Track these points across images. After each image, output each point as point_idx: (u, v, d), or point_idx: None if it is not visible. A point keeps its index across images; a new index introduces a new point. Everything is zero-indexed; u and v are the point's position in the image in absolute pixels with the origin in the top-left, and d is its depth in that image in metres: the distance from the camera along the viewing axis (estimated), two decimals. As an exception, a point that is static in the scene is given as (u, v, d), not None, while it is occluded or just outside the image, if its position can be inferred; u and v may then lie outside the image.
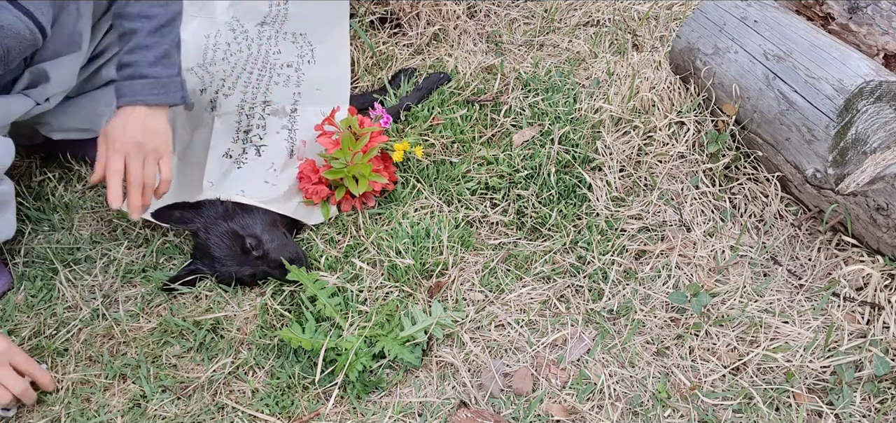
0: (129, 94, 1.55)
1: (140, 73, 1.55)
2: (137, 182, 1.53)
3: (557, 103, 1.96)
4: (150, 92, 1.55)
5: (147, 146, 1.53)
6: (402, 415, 1.40)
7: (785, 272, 1.64)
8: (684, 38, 1.92)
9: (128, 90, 1.55)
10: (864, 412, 1.37)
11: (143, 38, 1.55)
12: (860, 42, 1.76)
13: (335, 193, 1.75)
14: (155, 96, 1.56)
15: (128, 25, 1.55)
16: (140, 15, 1.55)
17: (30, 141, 1.94)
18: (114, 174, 1.52)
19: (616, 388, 1.43)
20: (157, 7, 1.56)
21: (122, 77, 1.56)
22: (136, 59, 1.55)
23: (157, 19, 1.56)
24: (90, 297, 1.64)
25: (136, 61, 1.55)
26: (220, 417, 1.41)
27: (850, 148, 1.60)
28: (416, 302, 1.58)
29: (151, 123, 1.55)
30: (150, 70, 1.56)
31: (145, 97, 1.55)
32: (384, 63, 2.22)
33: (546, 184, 1.79)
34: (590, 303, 1.58)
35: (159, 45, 1.57)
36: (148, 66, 1.56)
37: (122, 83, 1.56)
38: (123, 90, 1.55)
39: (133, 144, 1.52)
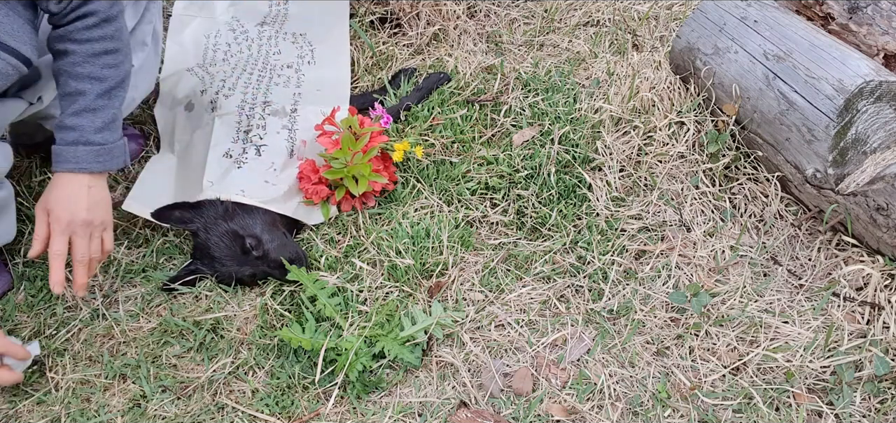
0: (72, 161, 1.43)
1: (85, 139, 1.43)
2: (84, 261, 1.46)
3: (557, 103, 1.96)
4: (94, 160, 1.45)
5: (94, 222, 1.46)
6: (402, 415, 1.40)
7: (785, 272, 1.64)
8: (684, 38, 1.92)
9: (70, 157, 1.43)
10: (864, 412, 1.37)
11: (91, 100, 1.43)
12: (860, 42, 1.76)
13: (335, 193, 1.75)
14: (99, 164, 1.45)
15: (74, 86, 1.43)
16: (90, 76, 1.43)
17: (30, 140, 1.94)
18: (57, 257, 1.43)
19: (616, 388, 1.43)
20: (109, 69, 1.44)
21: (64, 142, 1.43)
22: (82, 124, 1.43)
23: (108, 81, 1.45)
24: (90, 297, 1.64)
25: (81, 126, 1.43)
26: (220, 417, 1.41)
27: (850, 148, 1.60)
28: (416, 302, 1.58)
29: (96, 194, 1.46)
30: (96, 137, 1.44)
31: (90, 165, 1.44)
32: (384, 63, 2.22)
33: (546, 184, 1.79)
34: (590, 303, 1.58)
35: (107, 109, 1.45)
36: (94, 133, 1.44)
37: (64, 148, 1.43)
38: (65, 156, 1.43)
39: (80, 224, 1.43)
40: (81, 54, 1.42)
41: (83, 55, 1.42)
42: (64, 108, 1.44)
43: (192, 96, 1.90)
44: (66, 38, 1.42)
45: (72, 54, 1.42)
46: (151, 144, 2.01)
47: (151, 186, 1.77)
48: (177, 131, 1.89)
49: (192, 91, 1.90)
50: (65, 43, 1.42)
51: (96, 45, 1.42)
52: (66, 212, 1.43)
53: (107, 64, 1.44)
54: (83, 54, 1.42)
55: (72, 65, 1.42)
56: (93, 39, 1.42)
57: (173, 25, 2.07)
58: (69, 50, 1.42)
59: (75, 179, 1.44)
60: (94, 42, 1.42)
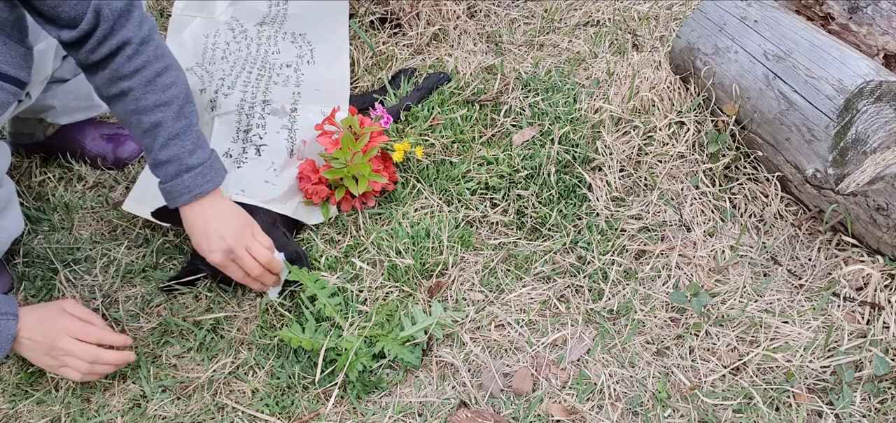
0: (185, 192, 1.42)
1: (185, 166, 1.42)
2: (258, 273, 1.48)
3: (557, 103, 1.96)
4: (203, 182, 1.43)
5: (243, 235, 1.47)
6: (402, 415, 1.40)
7: (785, 272, 1.64)
8: (684, 38, 1.92)
9: (182, 189, 1.42)
10: (864, 412, 1.37)
11: (170, 126, 1.40)
12: (860, 42, 1.76)
13: (335, 193, 1.75)
14: (209, 183, 1.44)
15: (148, 121, 1.40)
16: (157, 105, 1.39)
17: (31, 139, 1.95)
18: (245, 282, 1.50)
19: (616, 388, 1.43)
20: (170, 89, 1.41)
21: (167, 178, 1.42)
22: (175, 153, 1.41)
23: (177, 102, 1.41)
24: (90, 297, 1.64)
25: (176, 156, 1.41)
26: (220, 417, 1.41)
27: (850, 148, 1.60)
28: (416, 302, 1.58)
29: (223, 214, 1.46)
30: (192, 160, 1.42)
31: (201, 189, 1.43)
32: (384, 63, 2.22)
33: (546, 184, 1.79)
34: (590, 303, 1.58)
35: (189, 130, 1.43)
36: (189, 156, 1.42)
37: (171, 184, 1.42)
38: (177, 190, 1.42)
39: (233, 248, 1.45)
40: (139, 87, 1.38)
41: (141, 87, 1.39)
42: (149, 146, 1.42)
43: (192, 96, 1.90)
44: (116, 80, 1.39)
45: (130, 92, 1.39)
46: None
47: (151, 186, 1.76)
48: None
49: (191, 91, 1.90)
50: (118, 85, 1.39)
51: (147, 71, 1.39)
52: (215, 253, 1.45)
53: (165, 85, 1.41)
54: (141, 86, 1.38)
55: (135, 101, 1.39)
56: (141, 67, 1.38)
57: (173, 25, 2.07)
58: (125, 89, 1.39)
59: (199, 211, 1.45)
60: (145, 69, 1.39)
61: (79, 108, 1.87)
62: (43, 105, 1.81)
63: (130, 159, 1.96)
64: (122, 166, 1.95)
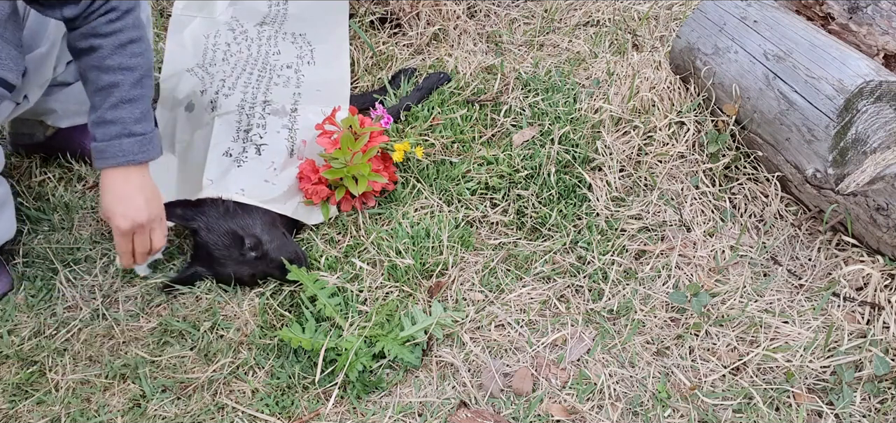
0: (120, 154, 1.45)
1: (127, 130, 1.45)
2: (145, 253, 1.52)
3: (557, 103, 1.96)
4: (139, 150, 1.46)
5: (153, 218, 1.50)
6: (402, 415, 1.40)
7: (785, 272, 1.64)
8: (684, 38, 1.92)
9: (117, 151, 1.45)
10: (864, 412, 1.37)
11: (126, 91, 1.45)
12: (860, 42, 1.76)
13: (335, 194, 1.75)
14: (144, 153, 1.47)
15: (107, 79, 1.44)
16: (120, 68, 1.44)
17: (30, 139, 1.95)
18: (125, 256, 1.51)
19: (616, 388, 1.43)
20: (136, 57, 1.46)
21: (107, 137, 1.45)
22: (122, 116, 1.45)
23: (137, 71, 1.46)
24: (90, 297, 1.64)
25: (121, 118, 1.45)
26: (220, 417, 1.41)
27: (850, 148, 1.60)
28: (416, 302, 1.58)
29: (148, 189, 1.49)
30: (136, 127, 1.46)
31: (136, 156, 1.46)
32: (384, 63, 2.22)
33: (546, 184, 1.79)
34: (590, 303, 1.58)
35: (142, 99, 1.47)
36: (134, 124, 1.46)
37: (108, 144, 1.45)
38: (111, 151, 1.45)
39: (139, 226, 1.47)
40: (108, 47, 1.43)
41: (110, 48, 1.43)
42: (98, 103, 1.45)
43: (192, 97, 1.90)
44: (90, 35, 1.43)
45: (99, 49, 1.43)
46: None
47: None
48: (177, 132, 1.89)
49: (192, 91, 1.90)
50: (90, 39, 1.43)
51: (121, 36, 1.44)
52: (126, 219, 1.46)
53: (133, 53, 1.46)
54: (110, 47, 1.43)
55: (100, 59, 1.44)
56: (117, 31, 1.43)
57: (173, 25, 2.07)
58: (95, 45, 1.43)
59: (125, 176, 1.47)
60: (119, 33, 1.44)
61: (80, 112, 1.87)
62: (44, 108, 1.81)
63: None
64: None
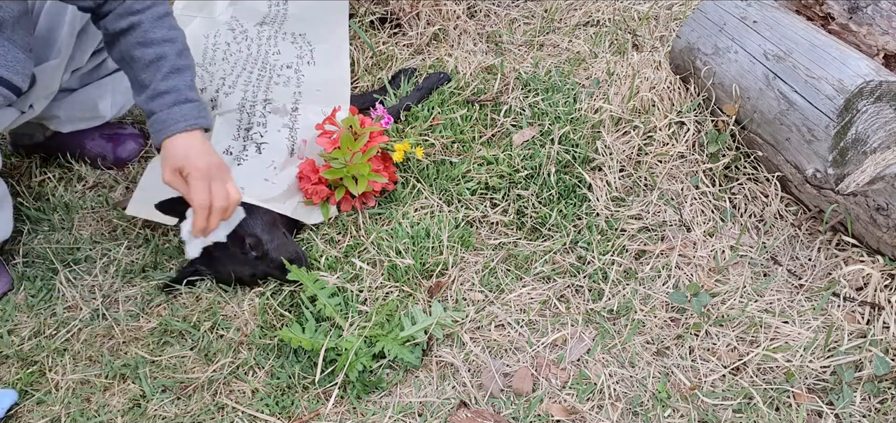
0: (182, 120, 1.45)
1: (184, 97, 1.46)
2: (224, 206, 1.47)
3: (557, 103, 1.96)
4: (199, 115, 1.47)
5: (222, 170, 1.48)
6: (402, 415, 1.40)
7: (785, 272, 1.64)
8: (684, 38, 1.92)
9: (179, 117, 1.45)
10: (864, 412, 1.37)
11: (174, 60, 1.46)
12: (860, 42, 1.76)
13: (335, 194, 1.75)
14: (203, 119, 1.48)
15: (153, 52, 1.45)
16: (163, 40, 1.45)
17: (30, 140, 1.95)
18: (203, 208, 1.45)
19: (616, 388, 1.43)
20: (174, 29, 1.48)
21: (165, 105, 1.44)
22: (175, 84, 1.45)
23: (178, 42, 1.48)
24: (90, 297, 1.64)
25: (175, 86, 1.45)
26: (220, 417, 1.41)
27: (850, 148, 1.60)
28: (416, 302, 1.58)
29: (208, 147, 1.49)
30: (191, 93, 1.47)
31: (197, 121, 1.46)
32: (384, 63, 2.22)
33: (546, 184, 1.79)
34: (590, 303, 1.58)
35: (188, 69, 1.49)
36: (188, 90, 1.47)
37: (169, 111, 1.44)
38: (173, 117, 1.44)
39: (216, 167, 1.46)
40: (149, 21, 1.45)
41: (150, 21, 1.45)
42: (149, 78, 1.45)
43: None
44: (127, 13, 1.44)
45: (139, 25, 1.45)
46: (151, 144, 2.01)
47: (153, 187, 1.77)
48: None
49: None
50: (128, 18, 1.44)
51: (158, 7, 1.46)
52: (201, 162, 1.44)
53: (171, 25, 1.48)
54: (150, 20, 1.45)
55: (143, 34, 1.45)
56: (152, 5, 1.46)
57: (173, 25, 2.07)
58: (135, 23, 1.45)
59: (191, 135, 1.46)
60: (155, 6, 1.46)
61: (83, 118, 1.87)
62: (48, 114, 1.82)
63: (130, 159, 1.96)
64: (122, 166, 1.95)
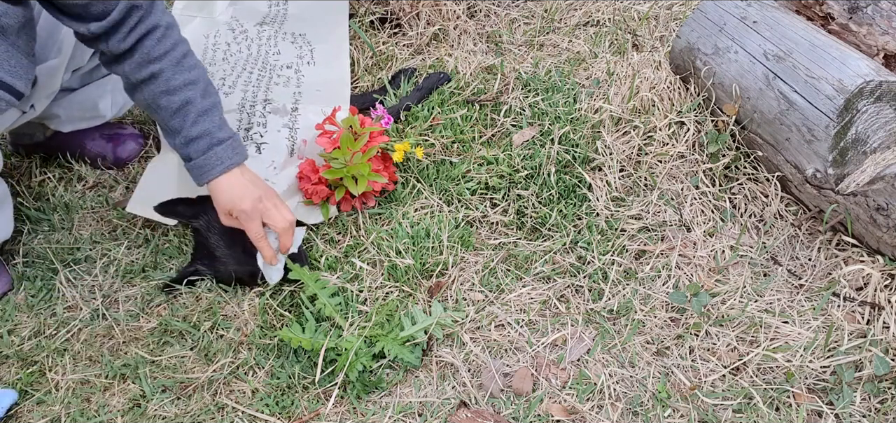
0: (218, 164, 1.47)
1: (216, 140, 1.47)
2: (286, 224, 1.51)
3: (557, 103, 1.96)
4: (233, 153, 1.48)
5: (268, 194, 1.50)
6: (402, 415, 1.40)
7: (785, 272, 1.64)
8: (684, 38, 1.92)
9: (215, 161, 1.47)
10: (864, 412, 1.37)
11: (200, 104, 1.46)
12: (860, 42, 1.76)
13: (335, 193, 1.75)
14: (238, 155, 1.49)
15: (179, 100, 1.45)
16: (186, 84, 1.45)
17: (30, 140, 1.95)
18: (261, 239, 1.50)
19: (616, 388, 1.43)
20: (196, 69, 1.47)
21: (200, 152, 1.46)
22: (207, 128, 1.46)
23: (201, 82, 1.48)
24: (90, 297, 1.64)
25: (206, 131, 1.46)
26: (220, 417, 1.41)
27: (850, 148, 1.60)
28: (416, 302, 1.58)
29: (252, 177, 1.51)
30: (222, 133, 1.48)
31: (232, 160, 1.48)
32: (384, 63, 2.22)
33: (546, 184, 1.79)
34: (590, 303, 1.58)
35: (216, 107, 1.49)
36: (219, 130, 1.47)
37: (204, 158, 1.46)
38: (210, 163, 1.47)
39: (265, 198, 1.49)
40: (169, 68, 1.44)
41: (171, 68, 1.44)
42: (179, 125, 1.46)
43: None
44: (147, 63, 1.44)
45: (161, 74, 1.44)
46: (151, 144, 2.01)
47: (153, 187, 1.77)
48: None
49: None
50: (148, 67, 1.44)
51: (176, 52, 1.45)
52: (246, 203, 1.47)
53: (191, 65, 1.47)
54: (171, 67, 1.44)
55: (166, 82, 1.44)
56: (170, 49, 1.45)
57: (173, 25, 2.07)
58: (156, 72, 1.44)
59: (229, 180, 1.48)
60: (173, 51, 1.45)
61: (83, 118, 1.87)
62: (48, 113, 1.82)
63: (130, 159, 1.96)
64: (122, 166, 1.95)
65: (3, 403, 1.41)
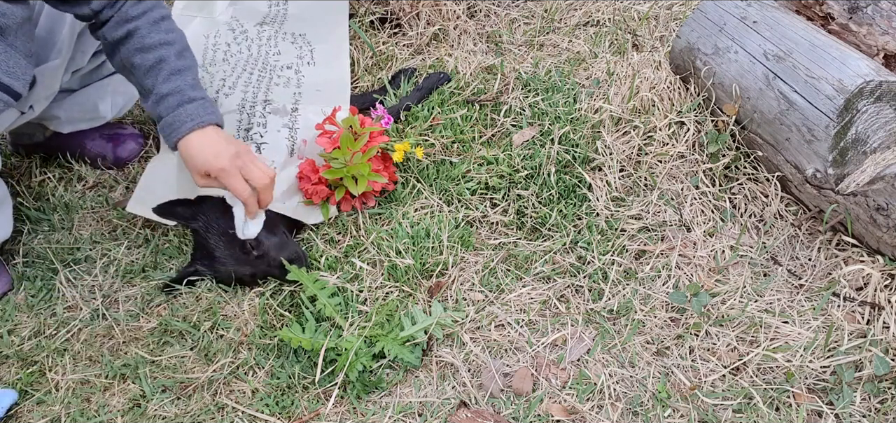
0: (188, 119, 1.45)
1: (187, 97, 1.46)
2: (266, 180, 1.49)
3: (557, 103, 1.96)
4: (204, 112, 1.46)
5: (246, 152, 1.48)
6: (402, 415, 1.40)
7: (785, 272, 1.64)
8: (684, 38, 1.92)
9: (185, 117, 1.45)
10: (864, 412, 1.37)
11: (174, 62, 1.46)
12: (860, 42, 1.76)
13: (335, 194, 1.75)
14: (210, 115, 1.47)
15: (152, 57, 1.45)
16: (161, 43, 1.45)
17: (30, 140, 1.95)
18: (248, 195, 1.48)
19: (616, 388, 1.43)
20: (173, 32, 1.47)
21: (170, 108, 1.44)
22: (178, 85, 1.45)
23: (177, 43, 1.47)
24: (90, 297, 1.64)
25: (178, 88, 1.45)
26: (220, 417, 1.41)
27: (850, 148, 1.60)
28: (416, 302, 1.58)
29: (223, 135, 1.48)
30: (194, 93, 1.46)
31: (202, 118, 1.46)
32: (384, 63, 2.22)
33: (546, 184, 1.79)
34: (590, 303, 1.58)
35: (190, 69, 1.48)
36: (191, 89, 1.46)
37: (174, 114, 1.44)
38: (180, 119, 1.44)
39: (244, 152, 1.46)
40: (145, 26, 1.45)
41: (147, 25, 1.45)
42: (151, 83, 1.45)
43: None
44: (123, 21, 1.45)
45: (137, 31, 1.45)
46: (151, 144, 2.01)
47: (153, 187, 1.77)
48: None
49: None
50: (124, 25, 1.45)
51: (153, 13, 1.46)
52: (222, 160, 1.45)
53: (169, 28, 1.48)
54: (147, 25, 1.45)
55: (141, 39, 1.45)
56: (148, 9, 1.46)
57: (173, 25, 2.07)
58: (132, 29, 1.45)
59: (203, 133, 1.46)
60: (151, 11, 1.46)
61: (83, 119, 1.88)
62: (48, 114, 1.82)
63: (130, 159, 1.96)
64: (122, 166, 1.95)
65: (3, 403, 1.41)
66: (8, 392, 1.43)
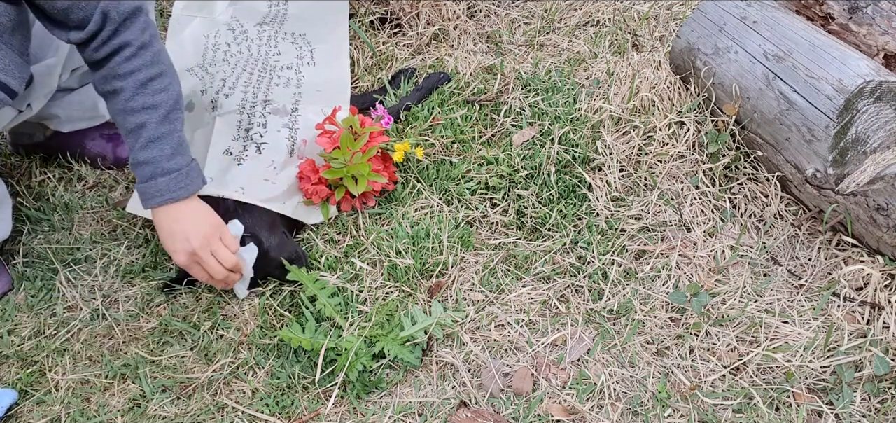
0: (158, 195, 1.45)
1: (161, 170, 1.45)
2: (222, 277, 1.51)
3: (557, 103, 1.96)
4: (176, 187, 1.46)
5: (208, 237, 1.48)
6: (402, 415, 1.40)
7: (785, 272, 1.64)
8: (684, 38, 1.92)
9: (155, 191, 1.45)
10: (864, 412, 1.37)
11: (154, 130, 1.44)
12: (860, 42, 1.76)
13: (335, 194, 1.75)
14: (182, 190, 1.47)
15: (133, 121, 1.44)
16: (144, 107, 1.44)
17: (30, 140, 1.95)
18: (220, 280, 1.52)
19: (616, 388, 1.43)
20: (160, 94, 1.45)
21: (143, 178, 1.45)
22: (154, 155, 1.44)
23: (163, 107, 1.45)
24: (90, 297, 1.64)
25: (153, 158, 1.44)
26: (220, 417, 1.41)
27: (850, 148, 1.60)
28: (416, 302, 1.58)
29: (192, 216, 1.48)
30: (170, 164, 1.45)
31: (174, 194, 1.46)
32: (384, 63, 2.22)
33: (546, 184, 1.79)
34: (590, 303, 1.58)
35: (172, 135, 1.47)
36: (167, 161, 1.45)
37: (145, 185, 1.45)
38: (150, 192, 1.46)
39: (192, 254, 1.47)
40: (130, 89, 1.44)
41: (132, 89, 1.44)
42: (131, 146, 1.46)
43: (193, 96, 1.90)
44: (111, 78, 1.44)
45: (122, 92, 1.44)
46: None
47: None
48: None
49: (192, 91, 1.90)
50: (112, 83, 1.44)
51: (141, 74, 1.44)
52: (180, 254, 1.48)
53: (156, 90, 1.45)
54: (132, 88, 1.44)
55: (125, 102, 1.44)
56: (136, 70, 1.44)
57: (173, 25, 2.07)
58: (118, 88, 1.44)
59: (168, 213, 1.48)
60: (138, 72, 1.44)
61: (83, 118, 1.88)
62: (47, 113, 1.82)
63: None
64: (122, 166, 1.95)
65: (3, 403, 1.41)
66: (8, 392, 1.43)
